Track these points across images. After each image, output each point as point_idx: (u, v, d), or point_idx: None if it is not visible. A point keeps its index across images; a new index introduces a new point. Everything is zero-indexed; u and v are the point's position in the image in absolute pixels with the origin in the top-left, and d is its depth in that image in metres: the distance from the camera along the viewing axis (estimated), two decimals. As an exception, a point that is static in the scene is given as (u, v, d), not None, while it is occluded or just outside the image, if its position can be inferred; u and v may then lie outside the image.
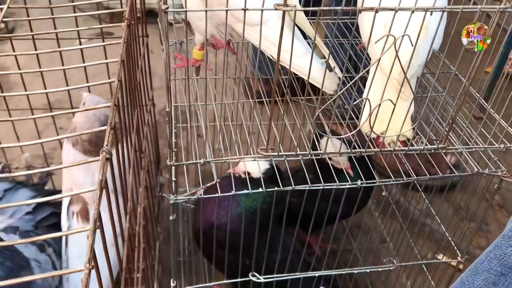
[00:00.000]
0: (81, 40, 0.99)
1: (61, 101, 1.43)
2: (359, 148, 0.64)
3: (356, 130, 0.59)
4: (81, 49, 0.78)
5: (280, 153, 0.61)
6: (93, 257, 0.39)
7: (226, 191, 0.82)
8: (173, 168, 0.64)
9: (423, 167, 1.26)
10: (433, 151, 0.65)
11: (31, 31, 0.83)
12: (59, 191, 1.04)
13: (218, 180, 0.62)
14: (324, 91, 0.65)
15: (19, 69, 0.94)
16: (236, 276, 0.77)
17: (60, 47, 0.71)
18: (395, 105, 0.58)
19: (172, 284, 0.74)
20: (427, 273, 0.90)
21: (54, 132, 1.08)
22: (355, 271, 0.80)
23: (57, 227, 0.96)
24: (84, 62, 0.67)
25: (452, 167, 1.23)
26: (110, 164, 0.65)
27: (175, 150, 0.61)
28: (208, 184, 0.62)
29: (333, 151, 0.69)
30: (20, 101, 1.43)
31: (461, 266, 1.11)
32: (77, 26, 0.78)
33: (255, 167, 0.75)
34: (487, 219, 1.24)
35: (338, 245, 1.08)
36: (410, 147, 0.63)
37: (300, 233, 1.04)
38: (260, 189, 0.64)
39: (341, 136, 0.64)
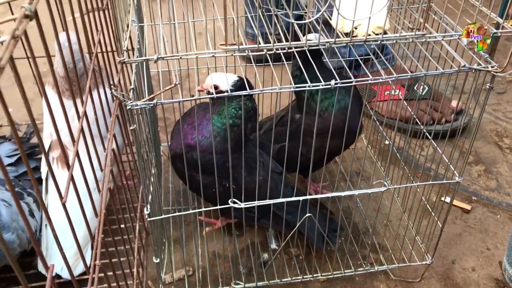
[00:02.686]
0: None
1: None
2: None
3: (320, 13, 0.54)
4: None
5: (241, 47, 0.56)
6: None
7: (197, 113, 0.79)
8: (132, 71, 0.61)
9: (426, 112, 1.22)
10: (411, 40, 0.59)
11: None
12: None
13: (178, 83, 0.57)
14: None
15: None
16: (215, 200, 0.73)
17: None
18: None
19: (146, 212, 0.69)
20: (432, 213, 0.84)
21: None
22: (343, 194, 0.74)
23: (40, 181, 0.94)
24: None
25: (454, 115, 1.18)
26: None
27: (129, 49, 0.57)
28: (167, 88, 0.58)
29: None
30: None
31: (469, 207, 1.04)
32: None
33: (222, 79, 0.71)
34: (497, 161, 1.16)
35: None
36: (385, 36, 0.58)
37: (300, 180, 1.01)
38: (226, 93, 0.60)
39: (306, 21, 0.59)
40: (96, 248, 0.53)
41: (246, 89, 0.66)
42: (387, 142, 1.23)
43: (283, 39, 0.59)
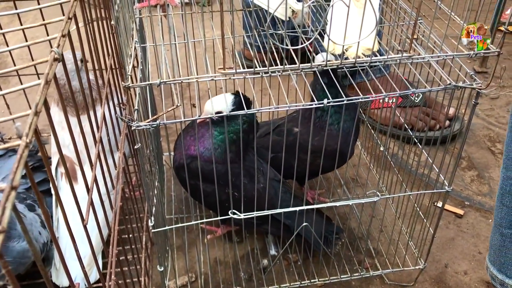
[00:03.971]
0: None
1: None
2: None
3: (312, 38, 0.58)
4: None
5: (238, 70, 0.60)
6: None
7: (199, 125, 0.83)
8: (136, 94, 0.64)
9: (420, 119, 1.25)
10: (398, 61, 0.63)
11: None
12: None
13: (179, 105, 0.61)
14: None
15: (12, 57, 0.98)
16: (216, 208, 0.77)
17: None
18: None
19: (150, 224, 0.73)
20: (424, 218, 0.88)
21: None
22: (338, 204, 0.78)
23: (49, 193, 0.98)
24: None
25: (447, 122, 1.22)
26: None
27: (130, 74, 0.61)
28: (170, 109, 0.61)
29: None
30: (18, 85, 1.46)
31: (461, 212, 1.08)
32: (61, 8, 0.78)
33: (222, 103, 0.75)
34: (489, 166, 1.20)
35: (332, 199, 1.07)
36: (373, 58, 0.61)
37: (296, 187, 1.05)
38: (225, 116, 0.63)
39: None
40: (111, 257, 0.57)
41: (245, 104, 0.71)
42: (382, 149, 1.26)
43: (278, 59, 0.62)
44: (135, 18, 0.70)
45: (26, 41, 0.80)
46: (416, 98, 1.27)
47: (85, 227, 0.50)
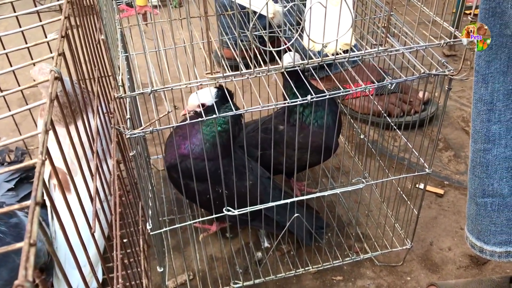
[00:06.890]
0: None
1: (36, 94, 1.46)
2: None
3: (293, 39, 0.61)
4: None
5: (225, 74, 0.63)
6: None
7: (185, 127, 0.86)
8: (126, 103, 0.66)
9: (396, 105, 1.30)
10: (374, 55, 0.66)
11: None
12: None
13: (170, 111, 0.63)
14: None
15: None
16: (209, 206, 0.79)
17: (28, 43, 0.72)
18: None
19: (148, 227, 0.75)
20: (408, 201, 0.92)
21: (31, 122, 1.10)
22: (326, 194, 0.81)
23: (43, 205, 0.99)
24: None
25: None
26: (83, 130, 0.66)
27: (122, 85, 0.63)
28: (161, 115, 0.64)
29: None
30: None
31: (442, 192, 1.13)
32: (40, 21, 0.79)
33: (206, 95, 0.78)
34: (465, 146, 1.26)
35: (320, 189, 1.11)
36: (352, 53, 0.65)
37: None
38: (214, 115, 0.66)
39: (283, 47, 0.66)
40: (116, 261, 0.59)
41: (227, 98, 0.74)
42: (362, 137, 1.31)
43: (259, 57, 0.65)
44: (122, 28, 0.72)
45: (4, 48, 0.81)
46: (390, 86, 1.31)
47: (92, 235, 0.52)
